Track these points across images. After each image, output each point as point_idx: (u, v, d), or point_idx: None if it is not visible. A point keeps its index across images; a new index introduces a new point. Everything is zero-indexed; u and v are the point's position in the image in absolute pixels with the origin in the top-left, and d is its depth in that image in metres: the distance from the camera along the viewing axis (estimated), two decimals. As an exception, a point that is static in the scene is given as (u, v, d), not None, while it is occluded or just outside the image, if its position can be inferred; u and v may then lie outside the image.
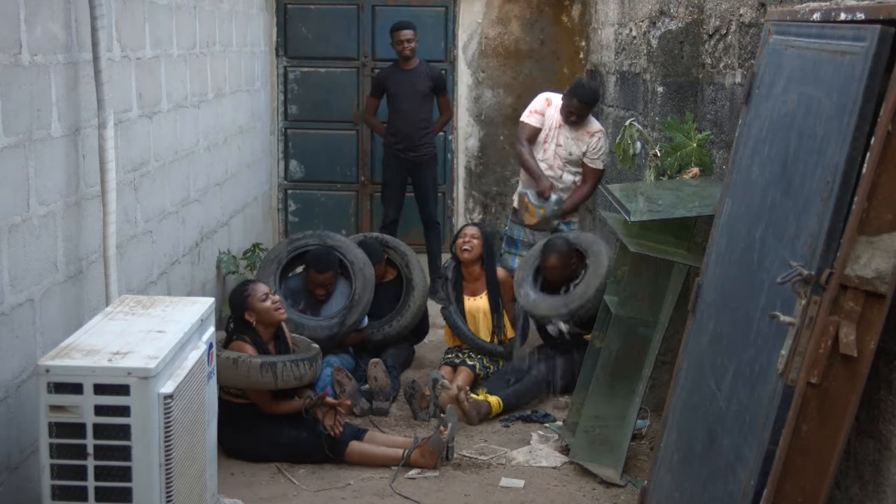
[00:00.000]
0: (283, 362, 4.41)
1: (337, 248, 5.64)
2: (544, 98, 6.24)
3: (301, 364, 4.46)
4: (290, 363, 4.42)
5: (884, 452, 2.50)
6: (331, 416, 4.48)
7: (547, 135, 6.15)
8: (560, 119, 6.09)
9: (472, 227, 5.89)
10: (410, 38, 6.97)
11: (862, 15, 2.48)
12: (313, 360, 4.56)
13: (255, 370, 4.34)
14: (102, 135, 3.73)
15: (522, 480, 4.35)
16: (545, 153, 6.15)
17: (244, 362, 4.32)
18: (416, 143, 7.02)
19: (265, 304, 4.50)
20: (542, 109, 6.18)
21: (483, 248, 5.73)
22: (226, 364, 4.28)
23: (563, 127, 6.10)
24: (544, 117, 6.16)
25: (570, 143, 6.10)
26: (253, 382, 4.37)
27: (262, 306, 4.50)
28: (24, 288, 3.26)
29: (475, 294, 5.78)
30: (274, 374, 4.36)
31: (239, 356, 4.34)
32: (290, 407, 4.53)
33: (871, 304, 2.37)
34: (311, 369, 4.52)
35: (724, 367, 3.09)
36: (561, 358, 5.40)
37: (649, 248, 4.40)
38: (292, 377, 4.42)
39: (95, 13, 3.64)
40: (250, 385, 4.39)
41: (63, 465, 2.82)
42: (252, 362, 4.34)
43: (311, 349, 4.67)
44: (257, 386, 4.39)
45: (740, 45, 4.29)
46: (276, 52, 7.97)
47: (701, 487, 3.09)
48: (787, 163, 2.87)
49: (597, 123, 6.23)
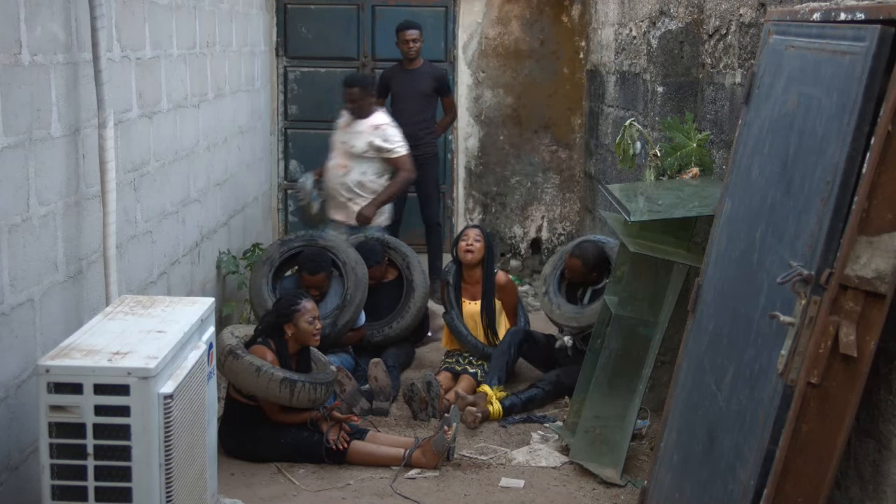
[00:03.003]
0: (303, 382, 4.40)
1: (329, 248, 5.64)
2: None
3: (319, 387, 4.47)
4: (308, 385, 4.42)
5: (884, 452, 2.50)
6: (335, 431, 4.48)
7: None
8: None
9: (474, 229, 5.81)
10: (416, 38, 6.97)
11: (862, 15, 2.48)
12: (330, 385, 4.57)
13: (274, 384, 4.34)
14: (102, 135, 3.73)
15: (522, 480, 4.35)
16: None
17: (266, 373, 4.32)
18: (418, 142, 7.02)
19: (310, 326, 4.52)
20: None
21: (484, 251, 5.72)
22: (248, 370, 4.30)
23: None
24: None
25: (352, 136, 6.29)
26: (269, 394, 4.38)
27: (305, 327, 4.52)
28: (24, 288, 3.26)
29: (475, 298, 5.73)
30: (291, 391, 4.37)
31: (262, 366, 4.34)
32: (297, 419, 4.53)
33: (871, 304, 2.37)
34: (325, 393, 4.53)
35: (724, 367, 3.09)
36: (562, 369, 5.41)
37: (649, 248, 4.40)
38: (307, 399, 4.42)
39: (95, 13, 3.64)
40: (266, 396, 4.40)
41: (63, 465, 2.82)
42: (274, 375, 4.34)
43: (328, 373, 4.66)
44: (272, 399, 4.40)
45: (740, 45, 4.29)
46: (276, 52, 7.97)
47: (701, 487, 3.09)
48: (787, 163, 2.87)
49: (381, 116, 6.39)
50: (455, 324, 5.65)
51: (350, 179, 6.21)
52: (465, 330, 5.64)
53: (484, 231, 5.82)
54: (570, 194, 8.04)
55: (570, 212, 8.06)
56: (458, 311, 5.70)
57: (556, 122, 7.98)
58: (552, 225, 8.08)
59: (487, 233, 5.85)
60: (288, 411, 4.52)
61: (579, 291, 5.56)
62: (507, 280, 5.80)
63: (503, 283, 5.75)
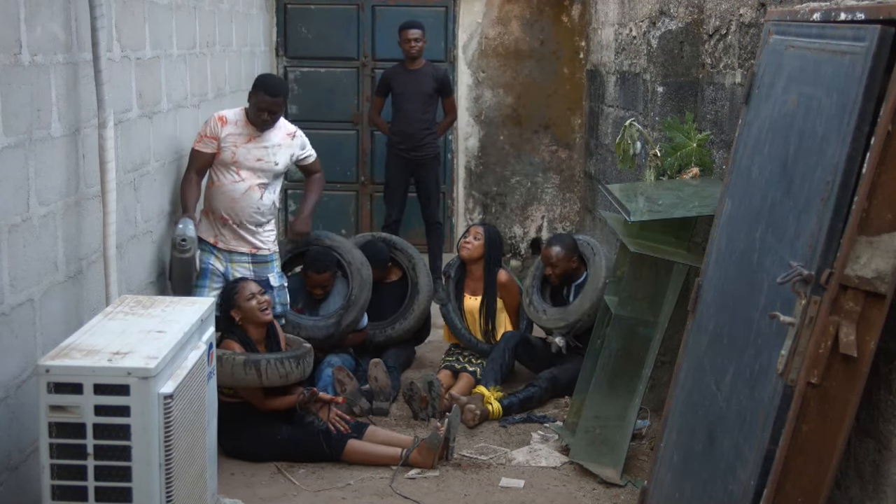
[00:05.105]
0: (268, 360, 4.41)
1: (335, 248, 5.64)
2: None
3: (286, 362, 4.46)
4: (274, 361, 4.42)
5: (884, 452, 2.50)
6: (325, 412, 4.49)
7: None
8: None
9: (479, 226, 5.93)
10: (418, 37, 6.97)
11: (862, 15, 2.48)
12: (300, 359, 4.54)
13: (238, 367, 4.35)
14: (102, 135, 3.73)
15: (522, 480, 4.35)
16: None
17: (227, 360, 4.33)
18: (420, 142, 7.02)
19: (250, 303, 4.51)
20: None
21: (484, 249, 5.74)
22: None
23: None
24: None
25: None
26: (238, 380, 4.38)
27: (246, 305, 4.51)
28: (24, 288, 3.26)
29: (476, 294, 5.80)
30: (258, 371, 4.37)
31: (223, 353, 4.34)
32: (283, 403, 4.53)
33: (871, 304, 2.37)
34: (297, 367, 4.51)
35: (724, 367, 3.09)
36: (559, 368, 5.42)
37: (649, 248, 4.40)
38: (276, 375, 4.42)
39: (95, 13, 3.64)
40: (236, 383, 4.40)
41: (63, 465, 2.82)
42: (235, 360, 4.35)
43: (300, 348, 4.66)
44: (242, 384, 4.40)
45: (740, 45, 4.29)
46: (276, 52, 7.97)
47: (701, 487, 3.09)
48: (787, 163, 2.87)
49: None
50: (450, 316, 5.72)
51: (265, 203, 5.07)
52: (459, 323, 5.69)
53: (488, 229, 5.88)
54: (570, 194, 8.04)
55: (570, 212, 8.06)
56: (458, 304, 5.74)
57: (556, 122, 7.98)
58: (552, 225, 8.07)
59: (493, 231, 5.91)
60: (272, 397, 4.52)
61: (564, 291, 5.57)
62: (509, 279, 5.82)
63: (505, 282, 5.77)
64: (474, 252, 5.75)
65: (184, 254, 4.59)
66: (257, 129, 5.02)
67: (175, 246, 4.59)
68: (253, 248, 5.07)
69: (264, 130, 5.04)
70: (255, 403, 4.51)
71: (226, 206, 4.97)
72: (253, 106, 5.00)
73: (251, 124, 5.02)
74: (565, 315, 5.39)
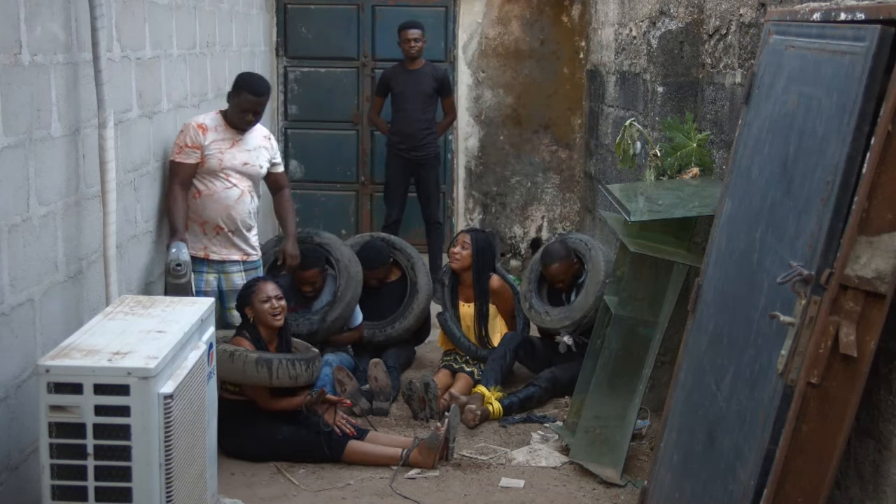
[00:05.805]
0: (280, 360, 4.42)
1: (323, 245, 5.65)
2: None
3: (297, 364, 4.47)
4: (286, 361, 4.43)
5: (884, 452, 2.50)
6: (331, 414, 4.49)
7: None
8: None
9: (466, 234, 5.77)
10: (418, 37, 6.97)
11: (862, 15, 2.48)
12: (310, 362, 4.56)
13: (250, 365, 4.35)
14: (102, 135, 3.73)
15: (522, 480, 4.35)
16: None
17: (240, 356, 4.35)
18: (419, 142, 7.02)
19: (264, 305, 4.52)
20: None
21: (473, 258, 5.66)
22: (222, 357, 4.30)
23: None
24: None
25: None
26: (248, 378, 4.39)
27: (260, 307, 4.52)
28: (24, 288, 3.26)
29: (470, 301, 5.72)
30: (269, 370, 4.38)
31: (236, 350, 4.37)
32: (288, 404, 4.53)
33: (871, 304, 2.37)
34: (306, 370, 4.52)
35: (724, 367, 3.09)
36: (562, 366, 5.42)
37: (649, 248, 4.40)
38: (287, 376, 4.43)
39: (95, 13, 3.64)
40: (245, 380, 4.41)
41: (63, 465, 2.82)
42: (248, 357, 4.36)
43: (309, 352, 4.68)
44: (252, 381, 4.41)
45: (740, 45, 4.29)
46: (276, 52, 7.97)
47: (701, 487, 3.09)
48: (787, 163, 2.87)
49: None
50: (448, 325, 5.67)
51: (254, 207, 5.00)
52: (458, 331, 5.64)
53: (475, 236, 5.75)
54: (570, 194, 8.04)
55: (570, 212, 8.06)
56: (454, 312, 5.71)
57: (556, 122, 7.98)
58: (552, 225, 8.07)
59: (481, 237, 5.77)
60: (278, 398, 4.53)
61: (563, 295, 5.57)
62: (500, 285, 5.73)
63: (496, 288, 5.70)
64: (463, 262, 5.65)
65: (179, 279, 4.47)
66: (238, 130, 4.87)
67: (170, 272, 4.49)
68: (244, 255, 4.95)
69: (245, 132, 4.89)
70: (259, 402, 4.52)
71: (221, 214, 4.82)
72: (235, 107, 4.83)
73: (231, 127, 4.86)
74: (570, 313, 5.38)
